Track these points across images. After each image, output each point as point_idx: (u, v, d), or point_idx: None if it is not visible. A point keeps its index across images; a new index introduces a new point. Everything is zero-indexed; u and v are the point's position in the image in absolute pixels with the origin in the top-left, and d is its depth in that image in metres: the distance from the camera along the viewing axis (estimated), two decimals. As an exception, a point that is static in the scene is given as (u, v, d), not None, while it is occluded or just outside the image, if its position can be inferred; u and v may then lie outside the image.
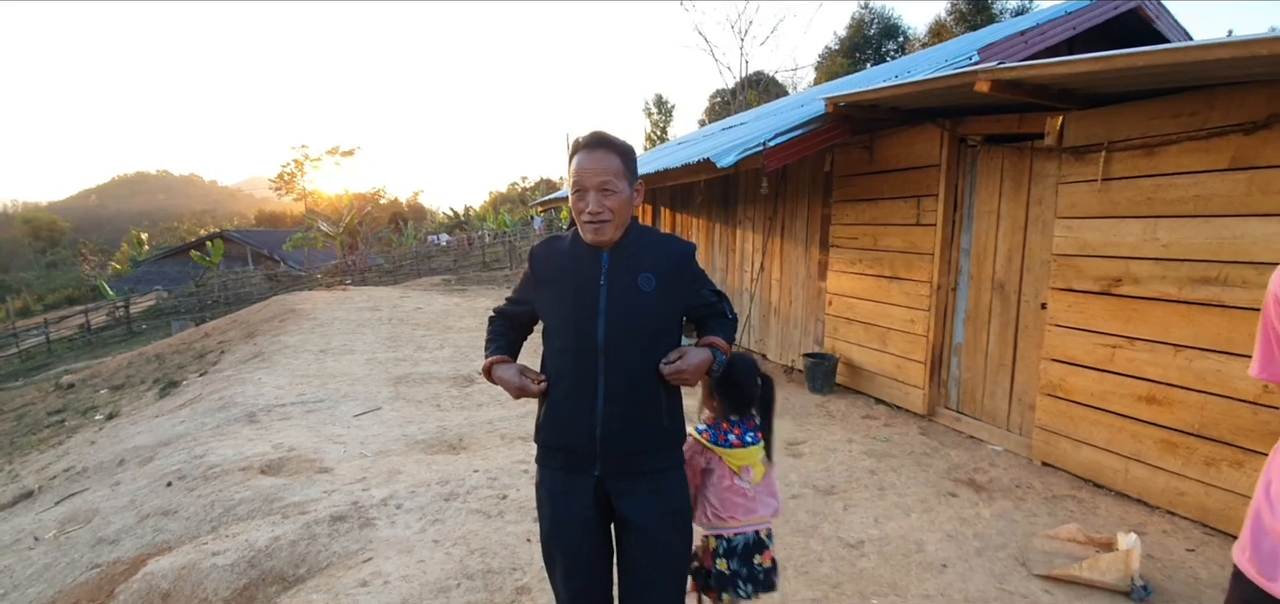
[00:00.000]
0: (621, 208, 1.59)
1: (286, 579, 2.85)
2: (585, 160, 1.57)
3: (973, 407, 4.69)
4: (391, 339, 8.75)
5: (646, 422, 1.61)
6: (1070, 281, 3.79)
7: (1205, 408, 3.18)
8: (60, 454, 6.01)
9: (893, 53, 27.98)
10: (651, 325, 1.61)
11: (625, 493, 1.62)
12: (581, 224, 1.61)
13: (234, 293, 22.74)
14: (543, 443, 1.69)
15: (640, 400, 1.60)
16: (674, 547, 1.68)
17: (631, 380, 1.59)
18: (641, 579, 1.64)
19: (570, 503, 1.64)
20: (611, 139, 1.62)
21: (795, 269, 6.56)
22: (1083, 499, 3.55)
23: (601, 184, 1.56)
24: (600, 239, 1.60)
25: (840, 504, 3.47)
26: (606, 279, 1.60)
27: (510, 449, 4.37)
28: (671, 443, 1.69)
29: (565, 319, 1.63)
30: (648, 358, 1.60)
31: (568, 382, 1.61)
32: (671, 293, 1.64)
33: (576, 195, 1.59)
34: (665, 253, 1.67)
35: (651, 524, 1.62)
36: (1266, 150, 2.96)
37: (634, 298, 1.59)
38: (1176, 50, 2.79)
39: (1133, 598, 2.57)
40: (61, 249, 57.67)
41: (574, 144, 1.63)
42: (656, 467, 1.65)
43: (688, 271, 1.69)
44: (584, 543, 1.65)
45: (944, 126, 4.63)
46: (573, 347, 1.60)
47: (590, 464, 1.61)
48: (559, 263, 1.68)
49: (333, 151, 38.17)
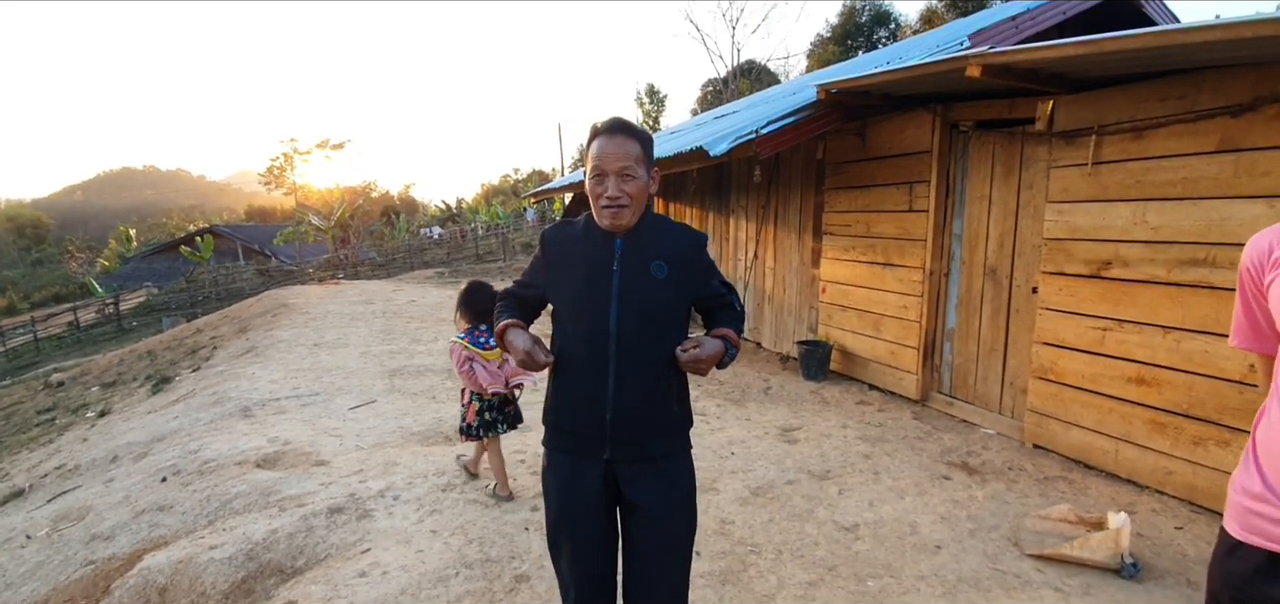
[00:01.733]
0: (640, 193, 1.60)
1: (285, 571, 2.86)
2: (607, 144, 1.57)
3: (965, 391, 4.73)
4: (385, 332, 8.72)
5: (656, 407, 1.62)
6: (1061, 265, 3.83)
7: (1193, 388, 3.22)
8: (51, 452, 5.97)
9: (884, 40, 27.98)
10: (663, 313, 1.62)
11: (633, 477, 1.63)
12: (598, 208, 1.60)
13: (225, 288, 22.58)
14: (551, 426, 1.70)
15: (651, 386, 1.60)
16: (680, 530, 1.69)
17: (642, 367, 1.59)
18: (648, 562, 1.66)
19: (578, 487, 1.65)
20: (633, 126, 1.62)
21: (789, 257, 6.58)
22: (1074, 480, 3.60)
23: (622, 169, 1.56)
24: (617, 224, 1.59)
25: (835, 489, 3.50)
26: (619, 265, 1.60)
27: (507, 439, 4.38)
28: (679, 428, 1.70)
29: (577, 304, 1.63)
30: (658, 345, 1.60)
31: (579, 366, 1.61)
32: (683, 282, 1.64)
33: (595, 179, 1.59)
34: (678, 242, 1.67)
35: (658, 509, 1.63)
36: (1253, 133, 2.99)
37: (646, 285, 1.60)
38: (1165, 33, 2.81)
39: (1123, 575, 2.61)
40: (47, 247, 57.04)
41: (593, 129, 1.63)
42: (664, 452, 1.66)
43: (699, 262, 1.70)
44: (592, 528, 1.66)
45: (936, 112, 4.64)
46: (584, 332, 1.61)
47: (600, 448, 1.61)
48: (572, 247, 1.68)
49: (322, 145, 37.90)
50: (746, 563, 2.79)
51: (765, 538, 2.99)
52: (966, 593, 2.56)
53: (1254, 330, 1.24)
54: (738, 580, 2.66)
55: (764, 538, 2.99)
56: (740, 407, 5.05)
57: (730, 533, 3.04)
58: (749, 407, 5.05)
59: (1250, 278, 1.19)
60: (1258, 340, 1.23)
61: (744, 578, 2.68)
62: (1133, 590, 2.56)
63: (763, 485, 3.53)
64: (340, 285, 14.43)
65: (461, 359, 3.34)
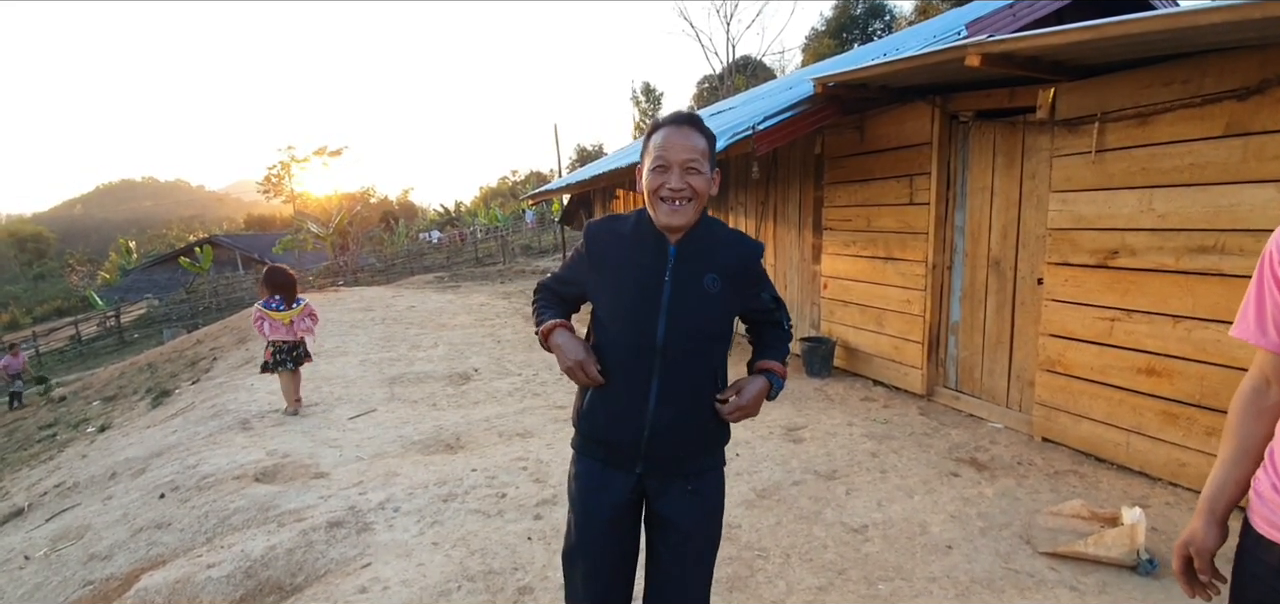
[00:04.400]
0: (703, 191, 1.49)
1: (284, 589, 2.81)
2: (673, 135, 1.47)
3: (971, 385, 4.67)
4: (385, 339, 8.67)
5: (696, 424, 1.55)
6: (1066, 256, 3.77)
7: (1205, 378, 3.16)
8: (51, 469, 5.92)
9: (880, 32, 27.89)
10: (712, 329, 1.54)
11: (664, 492, 1.57)
12: (657, 202, 1.49)
13: (225, 298, 22.56)
14: (584, 434, 1.62)
15: (692, 403, 1.53)
16: (707, 547, 1.64)
17: (686, 383, 1.52)
18: (673, 577, 1.60)
19: (605, 498, 1.58)
20: (699, 120, 1.53)
21: (789, 253, 6.52)
22: (1084, 474, 3.54)
23: (687, 161, 1.45)
24: (676, 221, 1.48)
25: (842, 489, 3.45)
26: (671, 275, 1.50)
27: (508, 447, 4.33)
28: (716, 444, 1.63)
29: (622, 313, 1.53)
30: (705, 360, 1.54)
31: (619, 378, 1.53)
32: (734, 295, 1.57)
33: (657, 172, 1.48)
34: (733, 252, 1.57)
35: (688, 525, 1.57)
36: (1260, 115, 2.93)
37: (699, 299, 1.51)
38: (1168, 16, 2.74)
39: (1139, 572, 2.56)
40: (48, 261, 57.07)
41: (655, 122, 1.54)
42: (698, 469, 1.59)
43: (753, 273, 1.61)
44: (615, 542, 1.60)
45: (934, 104, 4.58)
46: (628, 341, 1.51)
47: (633, 463, 1.55)
48: (621, 248, 1.56)
49: (320, 152, 37.79)
50: (754, 568, 2.74)
51: (773, 541, 2.94)
52: (980, 594, 2.51)
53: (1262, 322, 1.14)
54: (746, 586, 2.61)
55: (771, 541, 2.94)
56: (744, 406, 4.99)
57: (737, 537, 2.98)
58: (752, 406, 4.99)
59: (1272, 265, 1.11)
60: (1263, 334, 1.14)
61: (752, 583, 2.63)
62: (1150, 587, 2.50)
63: (769, 487, 3.48)
64: (340, 292, 14.39)
65: (256, 317, 5.37)
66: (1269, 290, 1.12)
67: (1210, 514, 1.19)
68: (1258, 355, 1.19)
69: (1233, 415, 1.20)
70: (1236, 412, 1.20)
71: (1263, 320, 1.14)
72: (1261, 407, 1.16)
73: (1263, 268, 1.13)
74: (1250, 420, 1.17)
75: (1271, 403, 1.15)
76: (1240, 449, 1.17)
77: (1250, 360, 1.23)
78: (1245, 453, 1.17)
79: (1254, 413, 1.16)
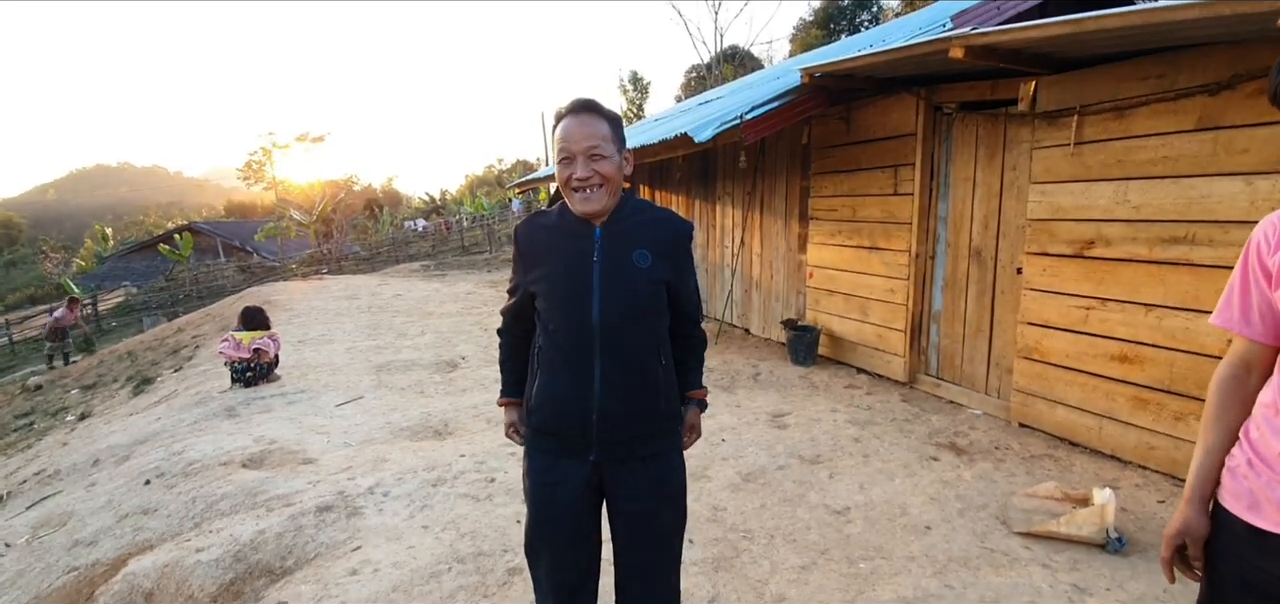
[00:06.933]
0: (612, 175, 1.50)
1: (274, 572, 2.82)
2: (572, 125, 1.48)
3: (952, 372, 4.77)
4: (371, 327, 8.63)
5: (644, 404, 1.55)
6: (1044, 246, 3.86)
7: (1174, 365, 3.27)
8: (30, 458, 5.84)
9: (867, 23, 27.98)
10: (649, 304, 1.54)
11: (622, 480, 1.57)
12: (569, 193, 1.51)
13: (206, 286, 22.21)
14: (534, 427, 1.61)
15: (638, 382, 1.54)
16: (670, 529, 1.65)
17: (629, 362, 1.52)
18: (639, 564, 1.62)
19: (559, 492, 1.57)
20: (598, 104, 1.53)
21: (775, 242, 6.59)
22: (1059, 457, 3.65)
23: (590, 149, 1.47)
24: (590, 209, 1.50)
25: (825, 473, 3.52)
26: (600, 255, 1.52)
27: (496, 432, 4.36)
28: (668, 425, 1.63)
29: (558, 298, 1.54)
30: (645, 338, 1.54)
31: (561, 364, 1.53)
32: (666, 272, 1.57)
33: (563, 163, 1.50)
34: (662, 230, 1.60)
35: (648, 510, 1.59)
36: (1230, 110, 3.02)
37: (630, 275, 1.52)
38: (1145, 11, 2.82)
39: (1108, 550, 2.66)
40: (20, 248, 55.71)
41: (558, 112, 1.55)
42: (653, 451, 1.59)
43: (682, 254, 1.64)
44: (573, 533, 1.59)
45: (920, 95, 4.65)
46: (566, 326, 1.52)
47: (585, 450, 1.54)
48: (547, 239, 1.59)
49: (302, 138, 37.17)
50: (739, 549, 2.80)
51: (758, 523, 3.01)
52: (956, 571, 2.59)
53: (1246, 312, 1.17)
54: (731, 567, 2.67)
55: (756, 523, 3.01)
56: (729, 393, 5.06)
57: (722, 519, 3.05)
58: (738, 393, 5.06)
59: (1258, 255, 1.13)
60: (1246, 323, 1.17)
61: (737, 564, 2.69)
62: (1118, 564, 2.60)
63: (754, 471, 3.54)
64: (324, 281, 14.26)
65: (222, 339, 6.23)
66: (1254, 281, 1.15)
67: (1201, 502, 1.20)
68: (1236, 343, 1.21)
69: (1214, 403, 1.22)
70: (1218, 399, 1.21)
71: (1247, 310, 1.17)
72: (1243, 394, 1.19)
73: (1247, 259, 1.16)
74: (1234, 407, 1.19)
75: (1252, 389, 1.18)
76: (1228, 435, 1.19)
77: (1220, 347, 1.27)
78: (1232, 439, 1.18)
79: (1238, 400, 1.19)
